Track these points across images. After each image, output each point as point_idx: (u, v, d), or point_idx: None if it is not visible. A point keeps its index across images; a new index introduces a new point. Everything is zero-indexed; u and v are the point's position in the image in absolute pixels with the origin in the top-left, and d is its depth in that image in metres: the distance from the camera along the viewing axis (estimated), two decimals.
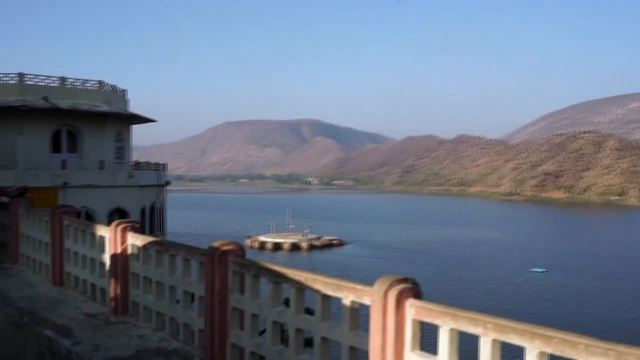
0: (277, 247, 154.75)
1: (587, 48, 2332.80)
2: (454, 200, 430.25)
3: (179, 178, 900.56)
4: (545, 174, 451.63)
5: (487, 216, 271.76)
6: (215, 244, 7.31)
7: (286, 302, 6.35)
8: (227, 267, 7.15)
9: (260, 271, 6.63)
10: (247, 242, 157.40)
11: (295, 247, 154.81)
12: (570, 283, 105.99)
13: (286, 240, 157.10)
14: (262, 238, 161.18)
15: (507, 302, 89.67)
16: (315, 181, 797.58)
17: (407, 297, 4.79)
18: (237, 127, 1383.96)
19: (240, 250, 7.31)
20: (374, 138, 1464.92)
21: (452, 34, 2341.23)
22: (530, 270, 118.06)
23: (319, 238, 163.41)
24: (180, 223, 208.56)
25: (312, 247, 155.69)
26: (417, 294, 4.90)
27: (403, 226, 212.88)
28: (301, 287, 5.98)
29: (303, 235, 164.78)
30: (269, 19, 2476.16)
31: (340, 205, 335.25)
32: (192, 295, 8.11)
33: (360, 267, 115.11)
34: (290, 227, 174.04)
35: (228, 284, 7.17)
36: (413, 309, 4.72)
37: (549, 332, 3.61)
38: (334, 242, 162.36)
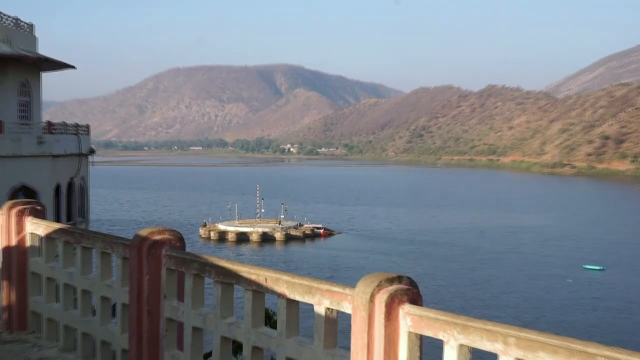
0: (242, 238, 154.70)
1: None
2: (482, 174, 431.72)
3: (109, 145, 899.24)
4: (604, 137, 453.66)
5: (525, 195, 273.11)
6: (143, 232, 7.15)
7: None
8: (159, 264, 7.04)
9: (205, 268, 6.51)
10: (202, 231, 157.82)
11: (266, 238, 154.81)
12: (635, 285, 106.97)
13: (254, 230, 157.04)
14: (222, 226, 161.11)
15: (550, 310, 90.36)
16: (294, 149, 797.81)
17: (402, 302, 4.61)
18: (187, 76, 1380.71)
19: (178, 241, 7.18)
20: (374, 90, 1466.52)
21: None
22: (584, 267, 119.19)
23: (298, 226, 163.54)
24: (109, 207, 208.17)
25: (289, 239, 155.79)
26: (415, 299, 4.70)
27: (413, 210, 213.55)
28: (260, 290, 5.84)
29: (277, 223, 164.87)
30: None
31: (328, 182, 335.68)
32: (114, 304, 8.03)
33: (354, 266, 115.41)
34: (260, 211, 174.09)
35: (161, 287, 7.05)
36: (409, 318, 4.55)
37: (592, 349, 3.53)
38: (319, 231, 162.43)
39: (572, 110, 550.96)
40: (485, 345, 4.03)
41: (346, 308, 4.96)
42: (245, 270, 5.96)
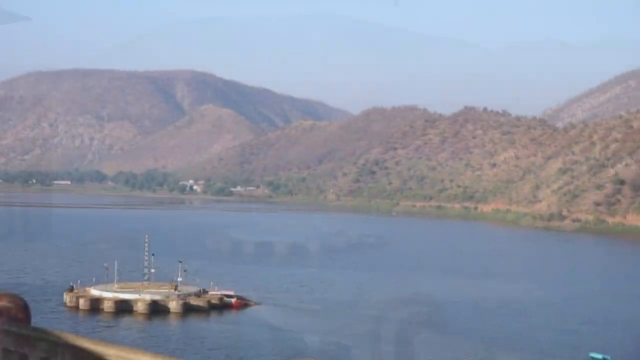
0: (124, 308, 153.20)
1: None
2: (454, 227, 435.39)
3: None
4: (619, 182, 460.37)
5: (512, 258, 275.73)
6: None
7: None
8: None
9: (57, 350, 6.45)
10: (67, 298, 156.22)
11: (157, 308, 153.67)
12: None
13: (140, 297, 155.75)
14: (95, 292, 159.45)
15: None
16: (198, 187, 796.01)
17: None
18: (54, 82, 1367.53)
19: (21, 310, 7.17)
20: (311, 110, 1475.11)
21: None
22: (590, 356, 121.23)
23: (202, 293, 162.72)
24: None
25: (188, 310, 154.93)
26: None
27: (359, 274, 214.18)
28: None
29: (173, 288, 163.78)
30: None
31: (245, 234, 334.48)
32: None
33: (277, 350, 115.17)
34: (150, 272, 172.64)
35: None
36: None
37: None
38: (231, 300, 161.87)
39: (577, 144, 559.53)
40: None
41: None
42: (113, 354, 5.83)
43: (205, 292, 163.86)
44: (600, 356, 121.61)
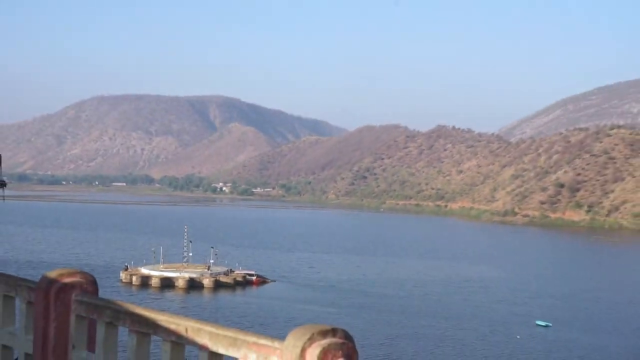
0: (167, 284, 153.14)
1: (616, 10, 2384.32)
2: (428, 221, 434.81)
3: (23, 178, 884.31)
4: (559, 185, 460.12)
5: (473, 245, 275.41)
6: (52, 273, 7.04)
7: None
8: (68, 310, 6.93)
9: (119, 316, 6.40)
10: (123, 275, 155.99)
11: (193, 284, 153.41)
12: (578, 343, 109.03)
13: (180, 275, 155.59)
14: (145, 270, 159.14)
15: None
16: (226, 188, 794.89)
17: (335, 357, 4.60)
18: (113, 105, 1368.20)
19: (91, 285, 7.09)
20: (315, 127, 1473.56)
21: None
22: (536, 323, 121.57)
23: (229, 272, 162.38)
24: (21, 245, 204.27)
25: (218, 286, 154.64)
26: (351, 354, 4.69)
27: (352, 257, 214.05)
28: (179, 342, 5.76)
29: (206, 268, 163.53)
30: None
31: (262, 225, 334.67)
32: (16, 357, 7.79)
33: (286, 317, 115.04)
34: (188, 255, 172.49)
35: (69, 336, 6.95)
36: None
37: None
38: (251, 278, 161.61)
39: (526, 155, 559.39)
40: None
41: None
42: (163, 319, 5.87)
43: (231, 271, 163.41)
44: (543, 323, 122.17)
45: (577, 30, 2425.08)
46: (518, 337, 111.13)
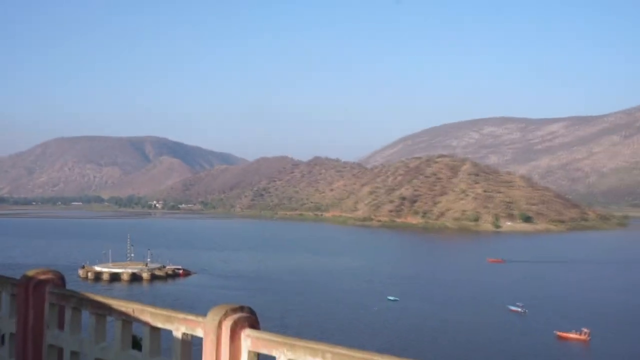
0: (115, 277, 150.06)
1: (439, 71, 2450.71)
2: (309, 226, 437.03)
3: (1, 200, 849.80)
4: (402, 198, 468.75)
5: (342, 243, 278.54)
6: (30, 272, 6.97)
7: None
8: (43, 299, 6.89)
9: (82, 303, 6.43)
10: (81, 272, 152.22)
11: (135, 277, 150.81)
12: (419, 311, 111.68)
13: (125, 271, 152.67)
14: (98, 268, 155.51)
15: (361, 332, 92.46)
16: (159, 205, 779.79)
17: (243, 327, 4.80)
18: (71, 144, 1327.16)
19: (60, 280, 7.01)
20: (224, 158, 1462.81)
21: (314, 57, 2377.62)
22: (387, 298, 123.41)
23: (161, 267, 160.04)
24: (1, 252, 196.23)
25: (154, 278, 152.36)
26: (254, 324, 4.91)
27: (254, 254, 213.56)
28: (128, 320, 5.89)
29: (144, 265, 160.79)
30: (106, 27, 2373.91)
31: (187, 232, 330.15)
32: (2, 336, 7.65)
33: (206, 299, 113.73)
34: (130, 255, 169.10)
35: (44, 318, 6.86)
36: (249, 340, 4.77)
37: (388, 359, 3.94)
38: (179, 271, 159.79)
39: (378, 177, 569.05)
40: (309, 359, 4.31)
41: (199, 333, 5.07)
42: (115, 303, 6.00)
43: (163, 267, 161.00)
44: (393, 298, 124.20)
45: (412, 84, 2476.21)
46: (375, 309, 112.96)
